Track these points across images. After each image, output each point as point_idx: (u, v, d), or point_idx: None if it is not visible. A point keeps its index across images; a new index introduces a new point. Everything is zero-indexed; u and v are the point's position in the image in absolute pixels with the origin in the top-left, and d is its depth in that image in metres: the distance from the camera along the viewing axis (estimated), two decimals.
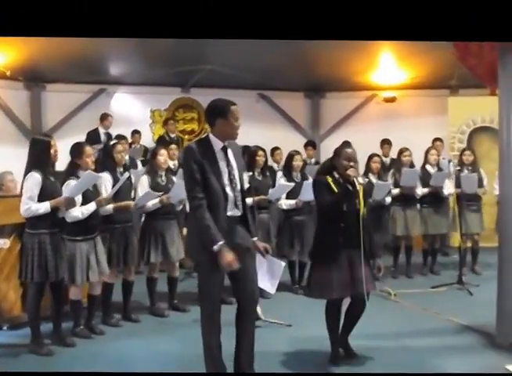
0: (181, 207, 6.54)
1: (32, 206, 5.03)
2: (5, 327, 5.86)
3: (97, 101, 10.99)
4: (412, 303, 6.66)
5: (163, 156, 6.41)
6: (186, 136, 11.62)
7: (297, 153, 7.44)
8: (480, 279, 7.88)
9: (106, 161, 5.79)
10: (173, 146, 8.59)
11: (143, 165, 8.81)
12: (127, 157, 7.87)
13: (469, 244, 8.38)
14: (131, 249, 6.07)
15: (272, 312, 5.98)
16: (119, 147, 6.10)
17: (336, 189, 4.78)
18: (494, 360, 4.96)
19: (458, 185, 7.97)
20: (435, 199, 8.16)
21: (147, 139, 10.75)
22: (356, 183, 4.74)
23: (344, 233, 4.73)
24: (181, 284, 6.92)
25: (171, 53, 9.47)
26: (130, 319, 6.16)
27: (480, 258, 8.38)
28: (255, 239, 4.34)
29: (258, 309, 5.23)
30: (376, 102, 12.18)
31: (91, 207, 5.44)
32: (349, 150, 4.87)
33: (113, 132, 9.75)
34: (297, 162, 7.27)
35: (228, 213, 4.16)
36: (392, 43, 9.76)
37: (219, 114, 4.15)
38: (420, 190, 8.09)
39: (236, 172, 4.25)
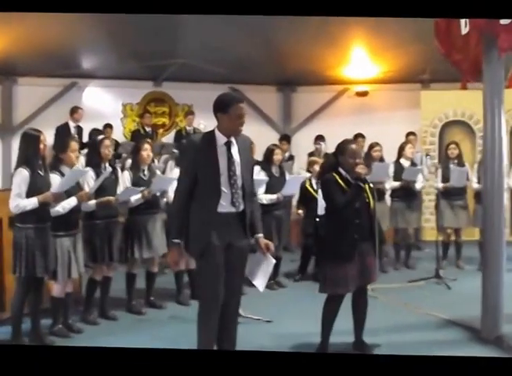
0: (165, 200, 6.49)
1: (20, 203, 4.96)
2: None
3: (69, 95, 10.83)
4: (390, 298, 6.68)
5: (146, 150, 6.33)
6: (160, 130, 11.58)
7: (277, 147, 7.42)
8: (457, 273, 7.96)
9: (91, 156, 5.68)
10: (148, 140, 8.46)
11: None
12: None
13: (452, 238, 8.42)
14: (115, 244, 5.99)
15: (250, 308, 5.92)
16: (106, 142, 6.01)
17: (345, 187, 4.81)
18: (481, 354, 4.92)
19: (445, 179, 8.02)
20: (407, 193, 8.15)
21: (118, 134, 10.70)
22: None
23: (359, 229, 4.81)
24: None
25: (144, 47, 9.42)
26: (107, 317, 6.08)
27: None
28: (260, 235, 4.33)
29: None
30: (348, 96, 12.19)
31: (73, 201, 5.35)
32: (354, 147, 4.91)
33: (85, 127, 9.66)
34: (277, 156, 7.22)
35: (221, 210, 4.13)
36: (364, 37, 9.84)
37: (222, 109, 4.11)
38: (389, 184, 8.09)
39: (237, 168, 4.20)
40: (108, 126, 10.00)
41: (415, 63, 10.59)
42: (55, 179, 5.26)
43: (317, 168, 7.46)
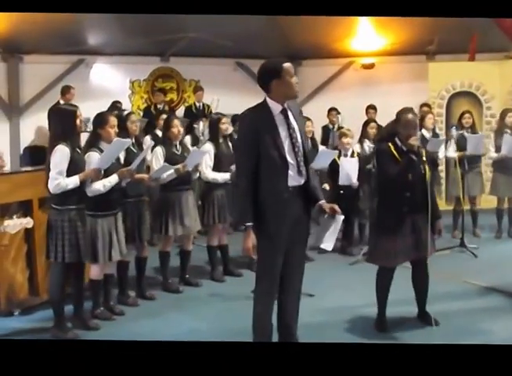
0: (197, 175, 6.37)
1: (62, 181, 4.71)
2: (16, 313, 5.51)
3: (76, 72, 10.61)
4: None
5: (176, 126, 6.12)
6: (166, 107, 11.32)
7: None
8: (477, 241, 7.95)
9: (119, 132, 5.50)
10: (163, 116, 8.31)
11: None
12: None
13: (467, 207, 8.36)
14: (145, 224, 5.84)
15: None
16: (133, 117, 5.85)
17: (399, 158, 4.70)
18: None
19: (460, 148, 7.94)
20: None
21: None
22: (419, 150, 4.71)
23: (410, 202, 4.70)
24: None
25: (150, 22, 9.19)
26: (145, 297, 5.96)
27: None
28: (322, 202, 4.15)
29: None
30: (354, 69, 12.11)
31: (113, 179, 5.11)
32: (410, 116, 4.77)
33: (94, 104, 9.41)
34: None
35: (291, 183, 3.96)
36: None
37: (274, 76, 3.94)
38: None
39: (298, 135, 4.04)
40: (117, 102, 9.76)
41: (421, 34, 10.54)
42: (94, 156, 5.05)
43: (348, 140, 7.39)
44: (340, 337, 4.81)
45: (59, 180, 4.73)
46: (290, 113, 4.04)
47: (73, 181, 4.77)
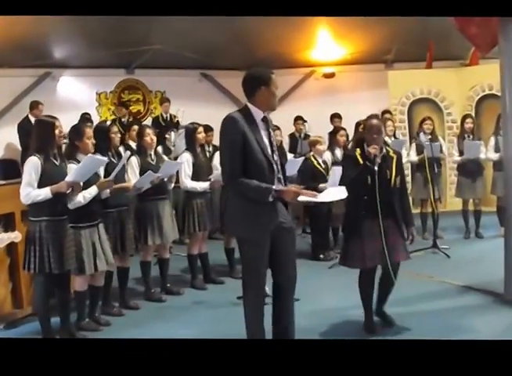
0: (172, 185, 6.41)
1: (31, 192, 4.70)
2: (1, 327, 5.46)
3: (43, 85, 10.52)
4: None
5: (149, 135, 6.18)
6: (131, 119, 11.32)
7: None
8: (447, 242, 8.15)
9: (100, 143, 5.53)
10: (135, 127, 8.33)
11: None
12: None
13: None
14: (128, 234, 5.86)
15: None
16: (115, 128, 5.86)
17: (361, 162, 4.83)
18: (510, 315, 5.24)
19: (420, 152, 8.20)
20: None
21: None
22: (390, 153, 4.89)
23: (368, 206, 4.79)
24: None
25: (116, 34, 9.24)
26: (129, 307, 5.98)
27: (444, 222, 8.76)
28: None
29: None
30: (316, 78, 12.32)
31: (93, 191, 5.13)
32: (373, 121, 4.92)
33: (62, 116, 9.35)
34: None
35: (274, 187, 3.98)
36: (330, 19, 9.94)
37: (263, 83, 4.02)
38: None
39: (275, 143, 4.16)
40: (86, 114, 9.74)
41: (379, 44, 10.83)
42: (72, 169, 5.02)
43: (319, 147, 7.55)
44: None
45: (29, 191, 4.72)
46: (269, 122, 4.15)
47: (45, 192, 4.73)
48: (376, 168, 4.80)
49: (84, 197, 5.07)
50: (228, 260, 7.03)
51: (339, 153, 8.03)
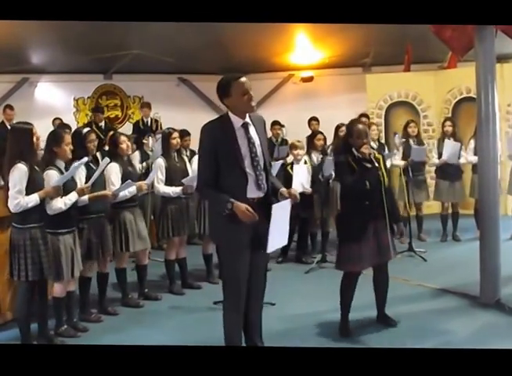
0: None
1: (22, 200, 4.69)
2: None
3: (20, 91, 10.54)
4: None
5: (124, 142, 6.16)
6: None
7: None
8: (424, 245, 8.21)
9: (77, 150, 5.51)
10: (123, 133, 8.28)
11: None
12: None
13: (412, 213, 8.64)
14: (107, 240, 5.84)
15: None
16: (92, 136, 5.83)
17: (356, 168, 4.88)
18: (485, 318, 5.29)
19: (406, 156, 8.24)
20: None
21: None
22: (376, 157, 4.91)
23: (370, 210, 4.87)
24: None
25: (93, 40, 9.22)
26: (108, 313, 5.95)
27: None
28: (282, 189, 4.20)
29: None
30: (293, 82, 12.38)
31: (73, 197, 5.13)
32: (360, 126, 4.97)
33: (39, 122, 9.29)
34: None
35: (250, 195, 4.01)
36: (308, 23, 9.98)
37: (224, 94, 4.02)
38: None
39: (258, 150, 4.09)
40: (57, 119, 9.67)
41: (357, 47, 10.90)
42: (53, 174, 5.03)
43: (298, 151, 7.56)
44: (305, 343, 4.87)
45: (19, 199, 4.70)
46: (251, 128, 4.10)
47: (34, 199, 4.75)
48: (372, 169, 4.88)
49: (65, 203, 5.07)
50: (206, 265, 7.03)
51: (315, 157, 8.04)
